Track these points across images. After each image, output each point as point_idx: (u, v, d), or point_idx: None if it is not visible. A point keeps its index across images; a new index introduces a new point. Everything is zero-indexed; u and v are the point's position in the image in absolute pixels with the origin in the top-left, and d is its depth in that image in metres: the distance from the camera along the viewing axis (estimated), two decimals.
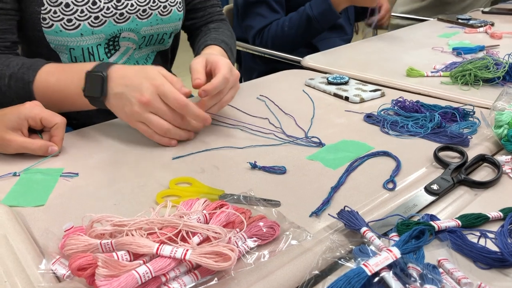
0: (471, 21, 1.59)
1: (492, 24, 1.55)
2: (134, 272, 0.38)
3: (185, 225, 0.43)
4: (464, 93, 0.91)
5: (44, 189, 0.58)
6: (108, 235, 0.43)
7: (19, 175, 0.61)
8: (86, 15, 0.81)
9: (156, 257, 0.40)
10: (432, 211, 0.53)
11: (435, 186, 0.56)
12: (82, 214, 0.49)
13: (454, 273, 0.41)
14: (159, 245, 0.40)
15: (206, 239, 0.43)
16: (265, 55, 1.51)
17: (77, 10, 0.80)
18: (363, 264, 0.39)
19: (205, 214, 0.46)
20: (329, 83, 0.96)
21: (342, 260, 0.43)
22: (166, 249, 0.40)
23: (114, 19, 0.85)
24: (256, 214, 0.49)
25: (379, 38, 1.47)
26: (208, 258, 0.39)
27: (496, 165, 0.61)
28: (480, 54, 1.19)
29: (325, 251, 0.45)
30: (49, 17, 0.79)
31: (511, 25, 1.57)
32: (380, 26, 1.77)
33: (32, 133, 0.67)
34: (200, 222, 0.45)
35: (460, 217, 0.49)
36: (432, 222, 0.48)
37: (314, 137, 0.72)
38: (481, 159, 0.63)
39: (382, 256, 0.40)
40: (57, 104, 0.73)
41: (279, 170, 0.62)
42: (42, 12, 0.79)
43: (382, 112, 0.81)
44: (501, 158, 0.63)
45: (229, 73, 0.72)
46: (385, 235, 0.47)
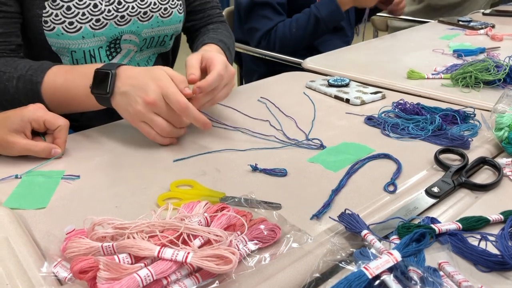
0: (471, 23, 1.59)
1: (493, 26, 1.56)
2: (136, 275, 0.38)
3: (186, 228, 0.43)
4: (465, 95, 0.91)
5: (46, 192, 0.58)
6: (110, 238, 0.43)
7: (21, 178, 0.61)
8: (88, 17, 0.81)
9: (158, 260, 0.40)
10: (433, 213, 0.53)
11: (435, 189, 0.56)
12: (84, 216, 0.49)
13: (454, 276, 0.41)
14: (160, 248, 0.40)
15: (207, 242, 0.43)
16: (266, 57, 1.51)
17: (79, 13, 0.80)
18: (364, 267, 0.39)
19: (206, 217, 0.46)
20: (330, 85, 0.97)
21: (343, 263, 0.43)
22: (167, 252, 0.40)
23: (115, 21, 0.85)
24: (257, 216, 0.50)
25: (380, 40, 1.47)
26: (209, 261, 0.39)
27: (497, 168, 0.61)
28: (481, 56, 1.19)
29: (326, 254, 0.45)
30: (50, 20, 0.79)
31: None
32: (397, 12, 1.78)
33: (35, 135, 0.67)
34: (201, 225, 0.45)
35: (460, 220, 0.49)
36: (432, 225, 0.48)
37: (315, 139, 0.72)
38: (482, 162, 0.63)
39: (382, 259, 0.40)
40: (65, 105, 0.73)
41: (280, 173, 0.62)
42: (44, 15, 0.79)
43: (383, 115, 0.81)
44: (502, 160, 0.63)
45: (224, 70, 0.72)
46: (386, 238, 0.47)
